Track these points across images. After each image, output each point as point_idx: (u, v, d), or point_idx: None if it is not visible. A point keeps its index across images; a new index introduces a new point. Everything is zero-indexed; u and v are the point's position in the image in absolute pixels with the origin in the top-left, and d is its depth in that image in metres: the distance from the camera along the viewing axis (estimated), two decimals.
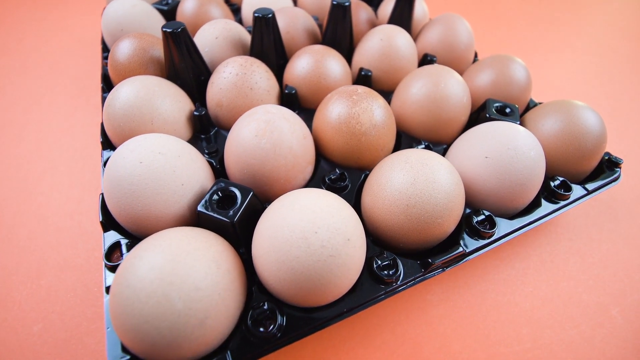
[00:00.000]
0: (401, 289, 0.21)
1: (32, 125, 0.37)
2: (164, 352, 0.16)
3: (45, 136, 0.36)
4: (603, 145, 0.27)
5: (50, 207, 0.30)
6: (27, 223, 0.29)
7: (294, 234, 0.17)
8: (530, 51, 0.52)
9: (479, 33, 0.54)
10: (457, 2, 0.62)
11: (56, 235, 0.28)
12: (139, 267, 0.16)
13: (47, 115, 0.38)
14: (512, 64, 0.31)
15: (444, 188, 0.20)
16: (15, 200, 0.30)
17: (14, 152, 0.34)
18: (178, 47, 0.28)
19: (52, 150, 0.34)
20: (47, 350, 0.22)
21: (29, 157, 0.34)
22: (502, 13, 0.60)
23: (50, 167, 0.33)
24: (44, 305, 0.24)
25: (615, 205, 0.32)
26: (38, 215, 0.29)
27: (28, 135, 0.36)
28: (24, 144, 0.35)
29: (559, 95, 0.44)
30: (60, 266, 0.26)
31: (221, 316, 0.17)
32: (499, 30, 0.56)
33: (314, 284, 0.17)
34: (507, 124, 0.25)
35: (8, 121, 0.37)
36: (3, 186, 0.31)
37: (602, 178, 0.28)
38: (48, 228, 0.28)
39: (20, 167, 0.33)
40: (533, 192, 0.24)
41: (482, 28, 0.56)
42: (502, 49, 0.52)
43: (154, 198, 0.20)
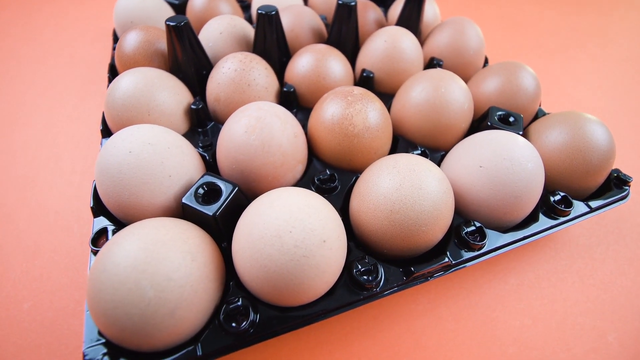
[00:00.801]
0: (381, 295, 0.21)
1: (43, 111, 0.39)
2: (134, 339, 0.17)
3: (54, 122, 0.37)
4: (610, 161, 0.25)
5: (52, 191, 0.31)
6: (29, 204, 0.30)
7: (269, 231, 0.17)
8: (548, 59, 0.50)
9: (495, 39, 0.53)
10: (474, 6, 0.61)
11: (55, 218, 0.29)
12: (115, 253, 0.17)
13: (57, 102, 0.40)
14: (520, 71, 0.30)
15: (431, 195, 0.20)
16: (19, 181, 0.32)
17: (23, 136, 0.36)
18: (181, 41, 0.29)
19: (58, 135, 0.36)
20: (34, 327, 0.23)
21: (37, 141, 0.35)
22: (521, 19, 0.58)
23: (55, 152, 0.34)
24: (35, 285, 0.25)
25: (624, 226, 0.30)
26: (40, 197, 0.31)
27: (37, 119, 0.37)
28: (33, 128, 0.37)
29: (573, 107, 0.42)
30: (55, 248, 0.27)
31: (193, 308, 0.17)
32: (516, 36, 0.54)
33: (287, 283, 0.17)
34: (505, 133, 0.24)
35: (21, 105, 0.39)
36: (9, 167, 0.33)
37: (608, 196, 0.26)
38: (48, 211, 0.30)
39: (28, 150, 0.34)
40: (529, 205, 0.23)
41: (498, 34, 0.54)
42: (518, 56, 0.50)
43: (141, 187, 0.21)
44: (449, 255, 0.22)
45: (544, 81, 0.46)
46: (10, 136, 0.36)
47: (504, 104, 0.30)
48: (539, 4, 0.62)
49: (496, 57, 0.49)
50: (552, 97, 0.44)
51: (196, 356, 0.18)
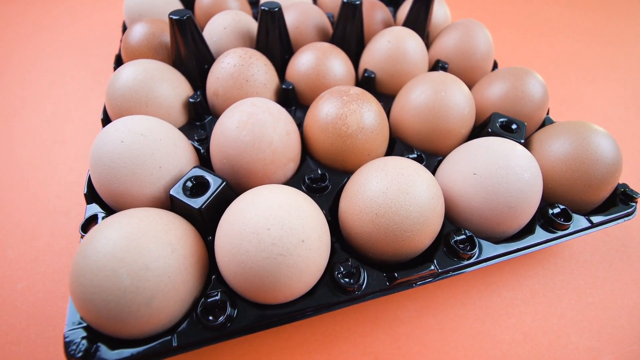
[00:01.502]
0: (362, 299, 0.21)
1: (53, 98, 0.40)
2: (110, 325, 0.17)
3: (62, 109, 0.39)
4: (615, 175, 0.24)
5: (54, 176, 0.32)
6: (32, 188, 0.31)
7: (247, 228, 0.17)
8: (565, 67, 0.48)
9: (510, 44, 0.51)
10: (489, 9, 0.59)
11: (55, 203, 0.30)
12: (96, 240, 0.17)
13: (67, 90, 0.41)
14: (527, 77, 0.29)
15: (418, 201, 0.20)
16: (24, 165, 0.33)
17: (32, 121, 0.37)
18: (183, 35, 0.29)
19: (65, 122, 0.37)
20: (25, 307, 0.24)
21: (44, 127, 0.37)
22: (539, 24, 0.56)
23: (60, 139, 0.35)
24: (31, 266, 0.26)
25: (630, 244, 0.29)
26: (43, 182, 0.32)
27: (47, 105, 0.39)
28: (42, 114, 0.38)
29: (587, 118, 0.40)
30: (52, 232, 0.28)
31: (170, 299, 0.17)
32: (532, 42, 0.53)
33: (263, 280, 0.17)
34: (503, 141, 0.23)
35: (32, 91, 0.41)
36: (16, 150, 0.34)
37: (613, 212, 0.25)
38: (50, 195, 0.31)
39: (35, 135, 0.36)
40: (524, 217, 0.23)
41: (514, 39, 0.53)
42: (533, 62, 0.49)
43: (131, 177, 0.21)
44: (435, 263, 0.22)
45: (558, 89, 0.44)
46: (20, 120, 0.37)
47: (508, 111, 0.29)
48: (559, 9, 0.60)
49: (509, 62, 0.48)
50: (566, 106, 0.42)
51: (172, 347, 0.18)
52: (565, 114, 0.40)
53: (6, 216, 0.29)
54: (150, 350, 0.18)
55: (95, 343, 0.18)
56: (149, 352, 0.18)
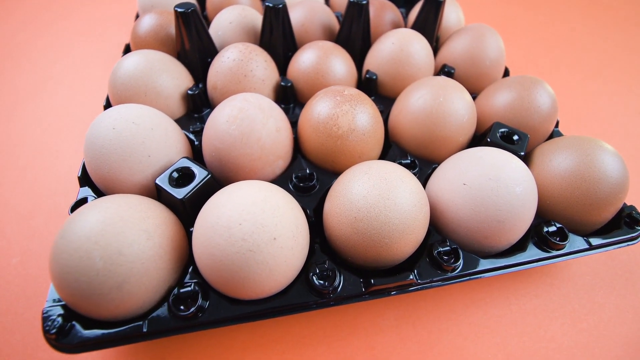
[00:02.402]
0: (336, 303, 0.21)
1: (67, 83, 0.42)
2: (82, 305, 0.18)
3: (73, 94, 0.40)
4: (619, 196, 0.23)
5: (58, 158, 0.34)
6: (39, 168, 0.33)
7: (220, 221, 0.17)
8: (584, 78, 0.46)
9: (529, 52, 0.50)
10: (507, 15, 0.58)
11: (57, 184, 0.32)
12: (76, 222, 0.18)
13: (80, 76, 0.43)
14: (535, 87, 0.28)
15: (398, 207, 0.19)
16: (33, 147, 0.35)
17: (44, 105, 0.39)
18: (187, 28, 0.30)
19: (74, 107, 0.39)
20: (17, 281, 0.25)
21: (55, 111, 0.38)
22: (564, 34, 0.54)
23: (68, 122, 0.37)
24: (26, 243, 0.27)
25: (636, 270, 0.28)
26: (48, 163, 0.33)
27: (60, 91, 0.41)
28: (55, 98, 0.40)
29: (603, 134, 0.39)
30: (50, 211, 0.29)
31: (142, 285, 0.18)
32: (553, 52, 0.51)
33: (232, 274, 0.18)
34: (499, 152, 0.22)
35: (48, 77, 0.43)
36: (26, 132, 0.36)
37: (615, 235, 0.24)
38: (52, 177, 0.32)
39: (46, 119, 0.37)
40: (514, 232, 0.22)
41: (532, 47, 0.51)
42: (550, 72, 0.47)
43: (120, 163, 0.22)
44: (415, 273, 0.21)
45: (577, 103, 0.42)
46: (32, 103, 0.39)
47: (512, 121, 0.28)
48: (585, 19, 0.57)
49: (524, 71, 0.46)
50: (582, 121, 0.40)
51: (142, 332, 0.19)
52: (579, 129, 0.39)
53: (11, 193, 0.31)
54: (121, 333, 0.19)
55: (70, 321, 0.19)
56: (120, 335, 0.19)
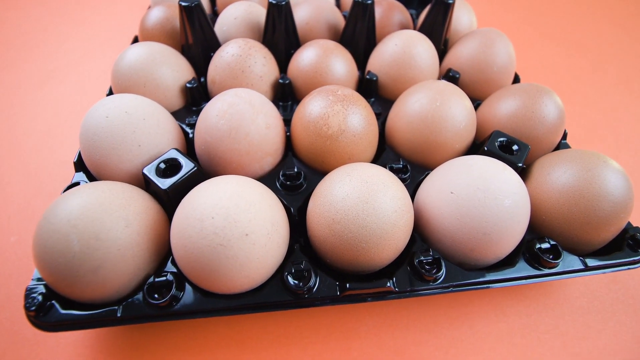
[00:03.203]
0: (308, 305, 0.20)
1: (80, 71, 0.44)
2: (60, 286, 0.18)
3: (84, 82, 0.42)
4: (621, 216, 0.22)
5: (62, 144, 0.35)
6: (40, 153, 0.34)
7: (194, 213, 0.18)
8: (605, 90, 0.44)
9: (549, 59, 0.48)
10: (527, 20, 0.55)
11: (57, 169, 0.33)
12: (59, 205, 0.18)
13: (92, 66, 0.44)
14: (540, 97, 0.27)
15: (377, 212, 0.19)
16: (37, 131, 0.36)
17: (56, 92, 0.41)
18: (190, 22, 0.31)
19: (84, 95, 0.40)
20: (13, 259, 0.27)
21: (66, 98, 0.40)
22: (586, 43, 0.52)
23: (77, 109, 0.39)
24: (25, 223, 0.29)
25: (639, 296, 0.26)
26: (52, 148, 0.35)
27: (72, 78, 0.43)
28: (67, 86, 0.42)
29: (613, 151, 0.37)
30: (50, 194, 0.31)
31: (117, 271, 0.19)
32: (573, 59, 0.48)
33: (203, 267, 0.18)
34: (492, 161, 0.22)
35: (62, 65, 0.45)
36: (32, 116, 0.38)
37: (615, 257, 0.23)
38: (54, 161, 0.34)
39: (51, 106, 0.39)
40: (502, 246, 0.21)
41: (552, 55, 0.49)
42: (569, 84, 0.45)
43: (110, 151, 0.23)
44: (394, 281, 0.21)
45: (593, 115, 0.41)
46: (46, 88, 0.41)
47: (514, 130, 0.27)
48: (611, 29, 0.54)
49: (539, 80, 0.44)
50: (596, 135, 0.39)
51: (116, 317, 0.19)
52: (591, 144, 0.37)
53: (15, 173, 0.32)
54: (96, 316, 0.19)
55: (50, 300, 0.19)
56: (95, 317, 0.19)
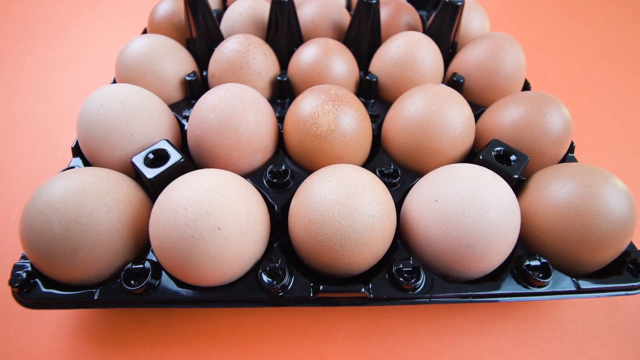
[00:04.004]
0: (281, 304, 0.21)
1: (91, 59, 0.45)
2: (40, 265, 0.19)
3: (95, 70, 0.44)
4: (620, 238, 0.21)
5: (69, 129, 0.37)
6: (47, 137, 0.36)
7: (169, 204, 0.18)
8: (626, 105, 0.41)
9: (568, 69, 0.46)
10: (549, 27, 0.53)
11: (61, 153, 0.34)
12: (45, 187, 0.19)
13: (104, 55, 0.46)
14: (545, 106, 0.26)
15: (354, 215, 0.19)
16: (47, 116, 0.38)
17: (67, 78, 0.43)
18: (195, 16, 0.31)
19: (93, 83, 0.42)
20: (11, 236, 0.28)
21: (77, 85, 0.42)
22: (611, 51, 0.49)
23: (78, 99, 0.40)
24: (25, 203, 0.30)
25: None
26: (58, 133, 0.36)
27: (84, 66, 0.44)
28: (78, 73, 0.43)
29: (626, 170, 0.34)
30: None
31: (95, 255, 0.19)
32: (597, 70, 0.46)
33: (174, 257, 0.18)
34: (482, 171, 0.21)
35: (75, 53, 0.47)
36: (43, 102, 0.39)
37: (613, 280, 0.22)
38: (59, 146, 0.35)
39: (60, 94, 0.41)
40: (486, 260, 0.20)
41: (577, 64, 0.47)
42: (588, 95, 0.43)
43: (103, 139, 0.23)
44: (370, 287, 0.21)
45: (611, 131, 0.38)
46: (59, 74, 0.43)
47: (515, 140, 0.26)
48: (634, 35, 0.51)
49: (555, 90, 0.43)
50: (612, 152, 0.37)
51: (92, 299, 0.20)
52: (604, 161, 0.35)
53: (20, 155, 0.34)
54: (74, 297, 0.20)
55: (33, 278, 0.20)
56: (73, 298, 0.20)
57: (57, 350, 0.23)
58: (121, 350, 0.22)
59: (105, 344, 0.23)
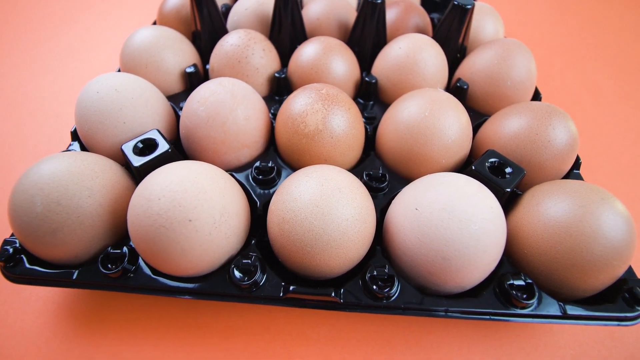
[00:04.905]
0: (249, 301, 0.21)
1: (101, 48, 0.47)
2: (24, 242, 0.20)
3: (104, 59, 0.45)
4: (614, 264, 0.19)
5: (67, 112, 0.38)
6: (57, 120, 0.38)
7: (144, 193, 0.19)
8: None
9: (592, 81, 0.43)
10: (570, 36, 0.51)
11: (65, 136, 0.36)
12: (33, 168, 0.20)
13: (113, 46, 0.48)
14: (550, 118, 0.25)
15: (327, 217, 0.19)
16: (57, 102, 0.40)
17: (74, 69, 0.45)
18: (199, 9, 0.32)
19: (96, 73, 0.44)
20: None
21: (81, 75, 0.44)
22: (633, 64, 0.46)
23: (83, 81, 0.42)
24: None
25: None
26: (62, 114, 0.38)
27: (94, 55, 0.46)
28: (88, 62, 0.45)
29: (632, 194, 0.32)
30: None
31: (75, 236, 0.20)
32: (623, 86, 0.43)
33: (146, 245, 0.19)
34: (467, 181, 0.20)
35: (86, 42, 0.48)
36: (52, 88, 0.41)
37: (605, 309, 0.20)
38: (63, 129, 0.37)
39: (69, 81, 0.43)
40: (463, 275, 0.19)
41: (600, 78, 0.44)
42: (610, 106, 0.40)
43: (97, 125, 0.24)
44: (341, 292, 0.20)
45: (628, 149, 0.36)
46: (71, 61, 0.45)
47: (513, 152, 0.25)
48: None
49: (573, 103, 0.41)
50: (627, 172, 0.34)
51: (71, 279, 0.21)
52: (614, 182, 0.33)
53: (32, 136, 0.36)
54: (54, 275, 0.21)
55: (20, 254, 0.22)
56: (53, 276, 0.21)
57: (39, 324, 0.24)
58: (98, 331, 0.23)
59: (84, 323, 0.24)
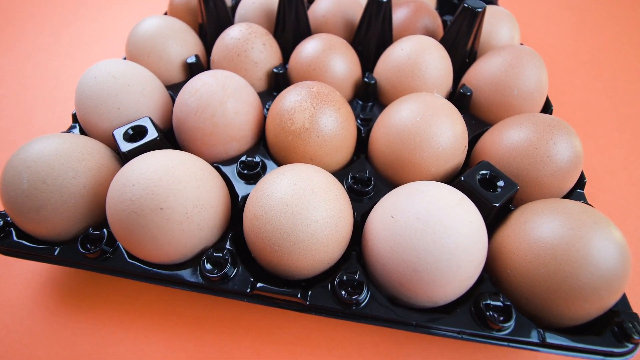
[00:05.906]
0: (216, 293, 0.21)
1: (110, 39, 0.49)
2: (12, 216, 0.21)
3: (113, 49, 0.47)
4: (602, 293, 0.18)
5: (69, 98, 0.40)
6: (64, 104, 0.40)
7: (121, 179, 0.19)
8: None
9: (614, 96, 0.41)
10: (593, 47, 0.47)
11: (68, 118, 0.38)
12: (25, 146, 0.21)
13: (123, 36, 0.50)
14: (552, 132, 0.23)
15: (296, 218, 0.19)
16: (61, 84, 0.42)
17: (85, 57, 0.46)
18: (205, 2, 0.33)
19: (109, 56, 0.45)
20: None
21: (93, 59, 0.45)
22: None
23: None
24: None
25: None
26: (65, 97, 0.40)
27: (108, 41, 0.48)
28: (96, 52, 0.47)
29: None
30: None
31: (58, 215, 0.21)
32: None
33: (120, 229, 0.19)
34: (449, 191, 0.20)
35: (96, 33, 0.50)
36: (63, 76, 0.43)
37: (590, 341, 0.19)
38: (63, 113, 0.39)
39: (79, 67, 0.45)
40: (435, 289, 0.19)
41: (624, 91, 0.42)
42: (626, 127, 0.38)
43: (93, 109, 0.25)
44: (309, 295, 0.20)
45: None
46: (81, 51, 0.47)
47: (510, 166, 0.24)
48: None
49: (586, 119, 0.38)
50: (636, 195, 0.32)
51: (52, 255, 0.22)
52: (619, 206, 0.31)
53: (38, 116, 0.38)
54: (37, 250, 0.22)
55: (9, 228, 0.23)
56: (36, 251, 0.22)
57: (26, 296, 0.25)
58: (78, 307, 0.24)
59: (66, 300, 0.25)
